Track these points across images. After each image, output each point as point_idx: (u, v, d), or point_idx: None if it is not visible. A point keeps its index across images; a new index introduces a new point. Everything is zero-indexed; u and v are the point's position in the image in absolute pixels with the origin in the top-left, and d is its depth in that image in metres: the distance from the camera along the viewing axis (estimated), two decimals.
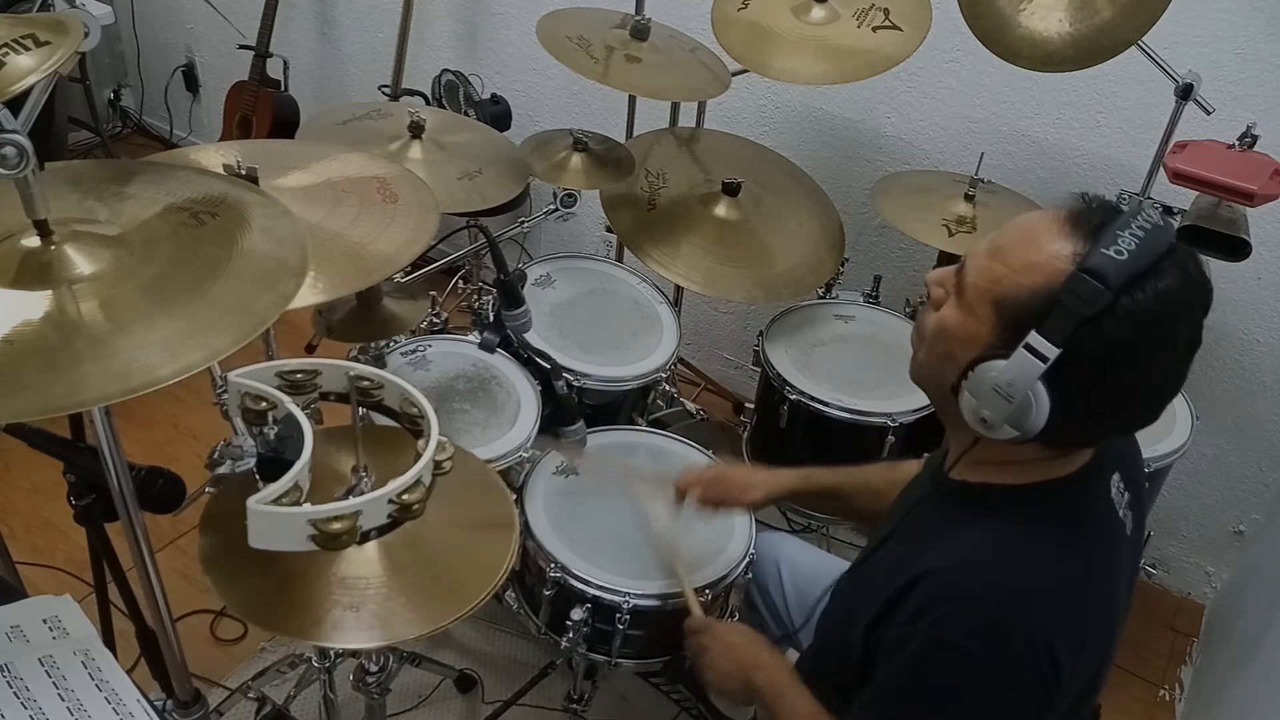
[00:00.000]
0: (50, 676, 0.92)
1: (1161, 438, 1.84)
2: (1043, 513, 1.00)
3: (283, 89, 3.07)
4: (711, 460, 1.67)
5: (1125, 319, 0.87)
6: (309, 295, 1.14)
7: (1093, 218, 0.92)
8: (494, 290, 1.67)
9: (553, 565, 1.49)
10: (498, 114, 2.68)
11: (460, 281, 2.78)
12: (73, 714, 0.89)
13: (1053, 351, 0.89)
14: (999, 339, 0.94)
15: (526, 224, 1.88)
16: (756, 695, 1.22)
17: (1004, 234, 0.97)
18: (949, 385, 1.00)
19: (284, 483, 0.89)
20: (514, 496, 1.27)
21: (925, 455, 1.33)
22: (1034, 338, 0.90)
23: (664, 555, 1.49)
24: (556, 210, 1.87)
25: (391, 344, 1.76)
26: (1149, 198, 1.79)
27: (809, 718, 1.14)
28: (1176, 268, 0.89)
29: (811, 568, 1.56)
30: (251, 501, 0.86)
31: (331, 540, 0.88)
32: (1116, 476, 1.06)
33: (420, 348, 1.78)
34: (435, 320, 1.86)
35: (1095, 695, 1.07)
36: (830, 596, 1.25)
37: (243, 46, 3.02)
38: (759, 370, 1.98)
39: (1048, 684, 0.93)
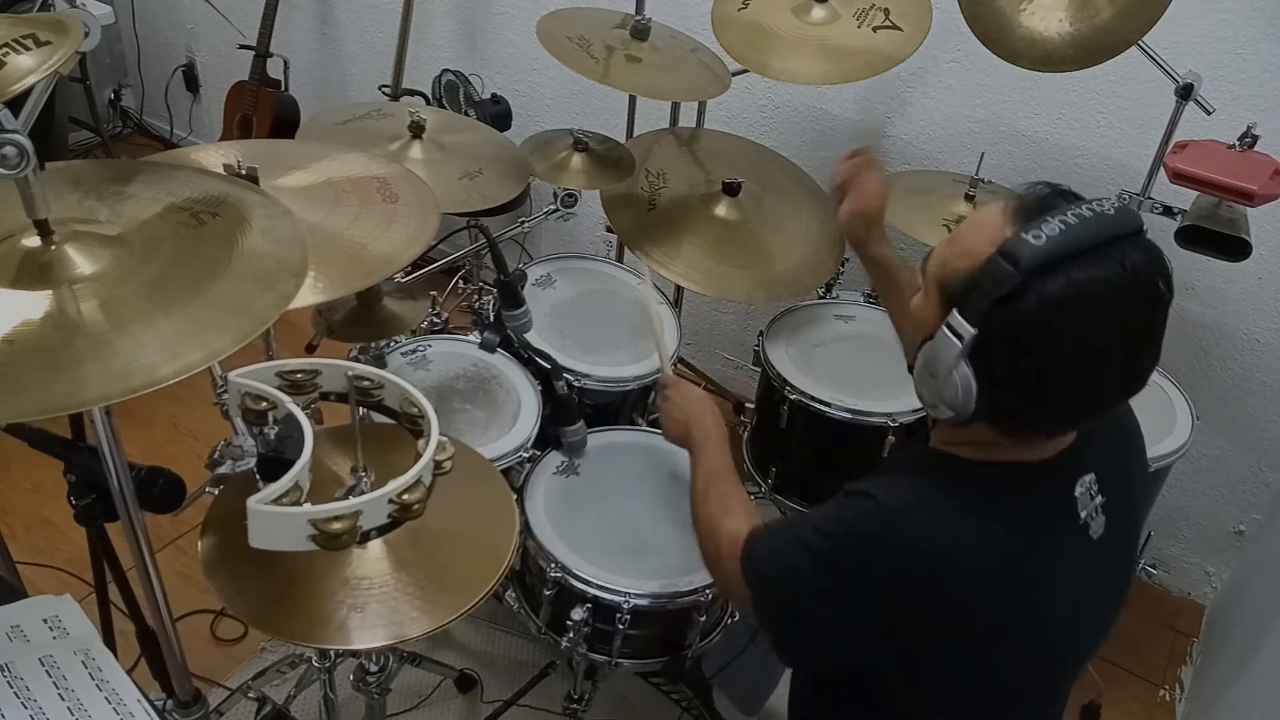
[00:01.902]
0: (50, 676, 0.92)
1: (1161, 438, 1.84)
2: (977, 487, 1.02)
3: (283, 89, 3.07)
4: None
5: (1034, 302, 0.88)
6: (309, 295, 1.14)
7: (1033, 206, 0.94)
8: (494, 290, 1.67)
9: (553, 565, 1.49)
10: (498, 114, 2.68)
11: (460, 281, 2.78)
12: (73, 714, 0.89)
13: (968, 331, 0.91)
14: (938, 321, 0.96)
15: (527, 224, 1.88)
16: (689, 447, 1.35)
17: (963, 223, 1.02)
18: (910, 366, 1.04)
19: (284, 483, 0.89)
20: (514, 496, 1.27)
21: None
22: (954, 317, 0.92)
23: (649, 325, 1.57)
24: (557, 210, 1.87)
25: (392, 344, 1.76)
26: (1149, 198, 1.79)
27: (715, 475, 1.26)
28: (1109, 259, 0.88)
29: None
30: (251, 501, 0.86)
31: (332, 540, 0.88)
32: (1091, 477, 1.05)
33: (420, 348, 1.79)
34: (435, 320, 1.86)
35: (1013, 700, 1.08)
36: None
37: (243, 46, 3.02)
38: (759, 370, 1.98)
39: (884, 629, 0.99)
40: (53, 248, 0.92)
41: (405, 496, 0.92)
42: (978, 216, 0.99)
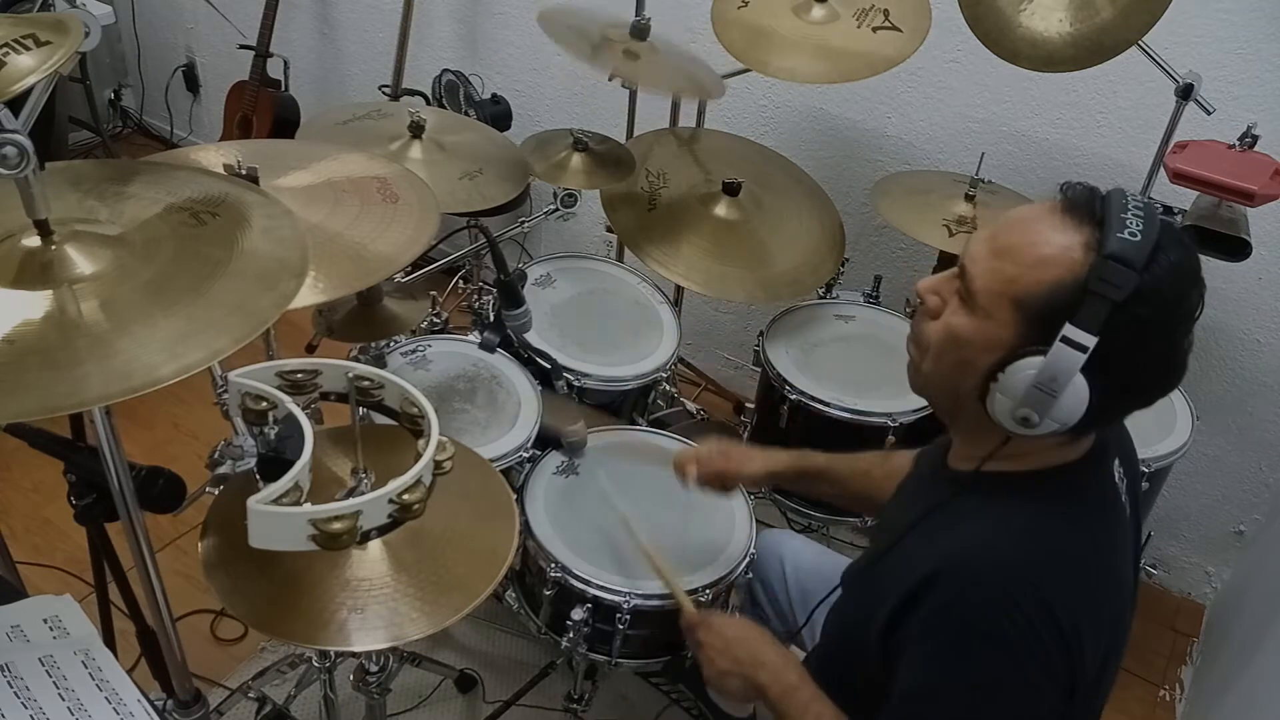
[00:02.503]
0: (50, 676, 0.92)
1: (1161, 438, 1.84)
2: (1052, 496, 1.02)
3: (283, 89, 3.07)
4: (706, 439, 1.64)
5: (1152, 296, 0.89)
6: (309, 295, 1.14)
7: (1090, 205, 0.94)
8: (494, 290, 1.67)
9: (553, 565, 1.49)
10: (498, 114, 2.68)
11: (460, 281, 2.78)
12: (73, 714, 0.89)
13: (1090, 340, 0.90)
14: (1026, 337, 0.94)
15: (527, 224, 1.88)
16: (762, 695, 1.19)
17: (1003, 233, 0.98)
18: (969, 392, 1.00)
19: (284, 482, 0.89)
20: (514, 496, 1.27)
21: (917, 450, 1.32)
22: (1070, 329, 0.91)
23: (646, 558, 1.47)
24: (557, 210, 1.87)
25: (392, 344, 1.76)
26: (1150, 198, 1.79)
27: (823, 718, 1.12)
28: (1173, 240, 0.92)
29: (814, 564, 1.56)
30: (252, 501, 0.86)
31: (332, 540, 0.88)
32: (1116, 462, 1.08)
33: (420, 348, 1.79)
34: (435, 320, 1.86)
35: (1112, 673, 1.08)
36: (841, 594, 1.24)
37: (243, 46, 3.02)
38: (759, 370, 1.98)
39: (1071, 656, 0.94)
40: (53, 248, 0.92)
41: (405, 496, 0.92)
42: (1024, 224, 0.96)
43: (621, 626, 1.48)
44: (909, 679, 1.00)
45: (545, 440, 1.68)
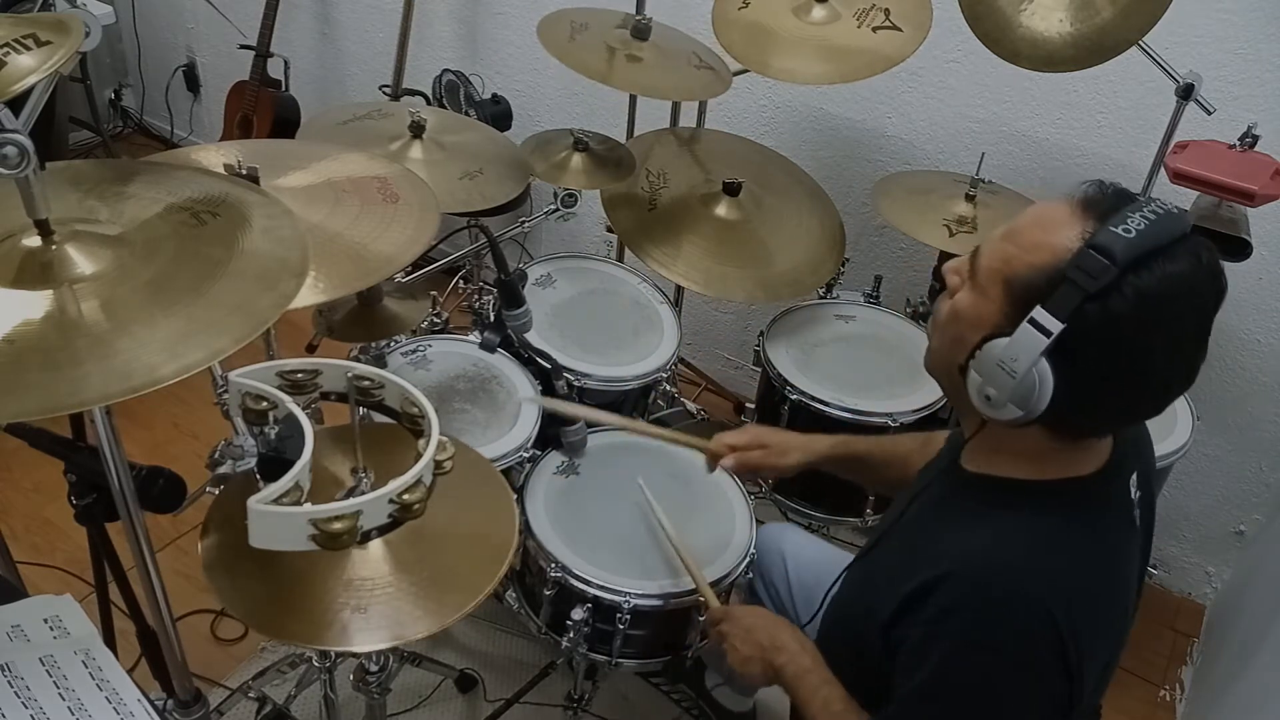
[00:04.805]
0: (51, 676, 0.92)
1: (1162, 438, 1.84)
2: (1063, 507, 1.01)
3: (283, 89, 3.07)
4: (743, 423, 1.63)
5: (1131, 296, 0.88)
6: (310, 295, 1.14)
7: (1105, 202, 0.94)
8: (494, 290, 1.67)
9: (553, 565, 1.49)
10: (498, 114, 2.68)
11: (461, 281, 2.79)
12: (73, 713, 0.89)
13: (1056, 326, 0.90)
14: (1006, 317, 0.95)
15: (527, 224, 1.88)
16: (779, 677, 1.22)
17: (1020, 218, 0.99)
18: (958, 367, 1.01)
19: (285, 482, 0.89)
20: (514, 496, 1.27)
21: (950, 430, 1.33)
22: (1039, 312, 0.91)
23: (674, 552, 1.49)
24: (557, 210, 1.87)
25: (392, 344, 1.76)
26: (1150, 198, 1.79)
27: (832, 704, 1.13)
28: (1188, 254, 0.90)
29: (815, 559, 1.56)
30: (252, 501, 0.86)
31: (332, 540, 0.88)
32: (1135, 476, 1.07)
33: (421, 348, 1.79)
34: (436, 320, 1.86)
35: (1106, 681, 1.08)
36: (840, 585, 1.25)
37: (243, 46, 3.02)
38: (759, 370, 1.98)
39: (1069, 668, 0.94)
40: (53, 247, 0.92)
41: (406, 496, 0.92)
42: (1039, 212, 0.98)
43: (622, 626, 1.48)
44: (910, 680, 1.01)
45: (545, 439, 1.68)
